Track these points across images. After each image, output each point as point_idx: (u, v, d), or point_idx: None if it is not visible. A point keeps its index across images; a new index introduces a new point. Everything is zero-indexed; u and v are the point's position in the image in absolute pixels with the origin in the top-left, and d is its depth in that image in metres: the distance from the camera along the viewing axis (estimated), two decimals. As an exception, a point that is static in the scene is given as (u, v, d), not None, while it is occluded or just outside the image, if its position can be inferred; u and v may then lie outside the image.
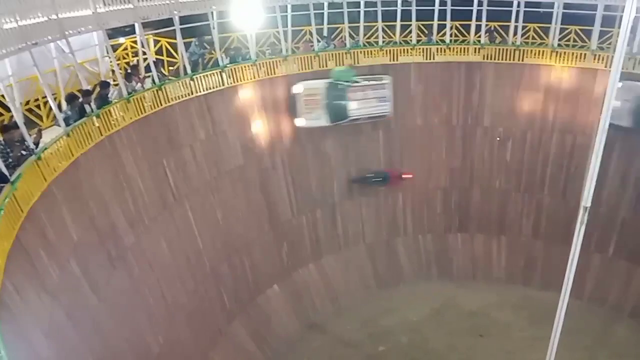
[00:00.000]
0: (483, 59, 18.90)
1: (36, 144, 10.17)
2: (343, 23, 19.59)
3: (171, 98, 14.33)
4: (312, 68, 17.89)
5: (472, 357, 16.17)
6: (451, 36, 20.13)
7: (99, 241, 11.00)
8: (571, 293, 9.78)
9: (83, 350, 9.23)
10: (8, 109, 12.37)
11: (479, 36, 19.35)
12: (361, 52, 18.82)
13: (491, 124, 19.44)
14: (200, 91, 15.20)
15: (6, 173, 8.77)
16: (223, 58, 16.71)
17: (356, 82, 17.75)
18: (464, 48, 19.36)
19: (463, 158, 20.04)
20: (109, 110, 12.27)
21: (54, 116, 11.42)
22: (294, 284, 18.31)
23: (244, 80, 16.42)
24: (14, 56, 10.36)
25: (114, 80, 14.41)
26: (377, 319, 17.72)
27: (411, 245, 20.50)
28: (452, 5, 19.29)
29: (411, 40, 19.84)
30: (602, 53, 17.36)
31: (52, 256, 9.12)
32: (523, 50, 18.52)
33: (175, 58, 17.71)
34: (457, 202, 20.46)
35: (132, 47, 17.17)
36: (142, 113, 13.35)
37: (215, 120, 15.78)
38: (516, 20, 18.71)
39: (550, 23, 18.59)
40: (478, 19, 19.22)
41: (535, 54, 18.49)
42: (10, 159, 9.39)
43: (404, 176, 19.59)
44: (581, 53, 17.97)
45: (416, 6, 19.44)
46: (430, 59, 19.16)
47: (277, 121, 17.51)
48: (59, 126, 11.01)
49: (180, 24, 15.01)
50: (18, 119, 10.02)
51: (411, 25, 19.72)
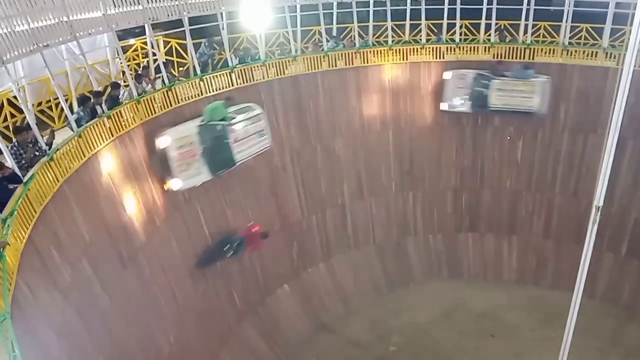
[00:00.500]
0: (493, 58, 18.79)
1: (49, 145, 10.27)
2: (352, 23, 19.57)
3: (181, 99, 14.39)
4: (322, 68, 17.88)
5: (482, 358, 16.11)
6: (461, 35, 20.05)
7: (110, 241, 11.07)
8: (583, 293, 9.71)
9: (94, 349, 9.28)
10: (21, 111, 12.48)
11: (489, 35, 19.26)
12: (370, 52, 18.79)
13: (502, 123, 19.32)
14: (209, 92, 15.24)
15: (19, 174, 8.86)
16: (232, 59, 16.77)
17: (232, 119, 14.34)
18: (474, 47, 19.27)
19: (473, 157, 19.94)
20: (120, 111, 12.35)
21: (66, 117, 11.51)
22: (304, 284, 18.32)
23: (254, 80, 16.45)
24: (26, 58, 10.47)
25: (125, 81, 14.49)
26: (387, 320, 17.69)
27: (421, 245, 20.44)
28: (462, 4, 19.19)
29: (421, 39, 19.78)
30: (614, 51, 17.21)
31: (64, 256, 9.19)
32: (533, 48, 18.40)
33: (184, 59, 17.79)
34: (468, 202, 20.37)
35: (142, 48, 17.26)
36: (153, 114, 13.42)
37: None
38: (526, 18, 18.60)
39: (561, 21, 18.44)
40: (488, 18, 19.13)
41: (545, 53, 18.37)
42: (23, 160, 9.48)
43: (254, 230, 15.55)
44: (592, 51, 17.85)
45: (426, 5, 19.38)
46: (440, 58, 19.09)
47: (287, 121, 17.52)
48: (71, 128, 11.10)
49: (189, 25, 15.06)
50: (30, 121, 10.11)
51: (421, 24, 19.66)
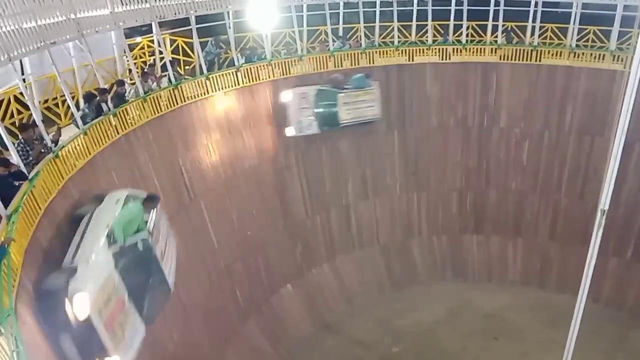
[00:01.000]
0: (500, 60, 18.74)
1: (55, 142, 10.30)
2: (359, 23, 19.55)
3: (187, 97, 14.43)
4: (328, 68, 17.87)
5: (487, 360, 16.07)
6: (467, 36, 19.99)
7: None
8: (588, 296, 9.69)
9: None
10: (27, 108, 12.52)
11: (496, 36, 19.21)
12: (377, 52, 18.76)
13: (507, 125, 19.26)
14: (215, 90, 15.27)
15: (25, 171, 8.89)
16: (239, 58, 16.78)
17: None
18: (481, 48, 19.21)
19: (479, 159, 19.88)
20: (126, 109, 12.39)
21: (72, 115, 11.55)
22: (308, 284, 18.32)
23: (260, 80, 16.46)
24: (33, 55, 10.50)
25: (131, 79, 14.53)
26: (391, 320, 17.66)
27: (426, 246, 20.39)
28: (469, 5, 19.16)
29: (427, 40, 19.74)
30: (622, 54, 17.13)
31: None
32: (540, 50, 18.33)
33: (191, 57, 17.81)
34: (473, 203, 20.31)
35: (149, 47, 17.30)
36: (158, 112, 13.46)
37: (230, 119, 15.84)
38: (534, 20, 18.54)
39: (568, 23, 18.36)
40: (495, 19, 19.09)
41: (552, 55, 18.31)
42: (29, 157, 9.51)
43: None
44: (600, 54, 17.77)
45: (432, 6, 19.36)
46: (446, 59, 19.05)
47: (292, 121, 17.51)
48: (77, 125, 11.13)
49: (196, 24, 15.11)
50: (37, 118, 10.15)
51: (427, 25, 19.63)
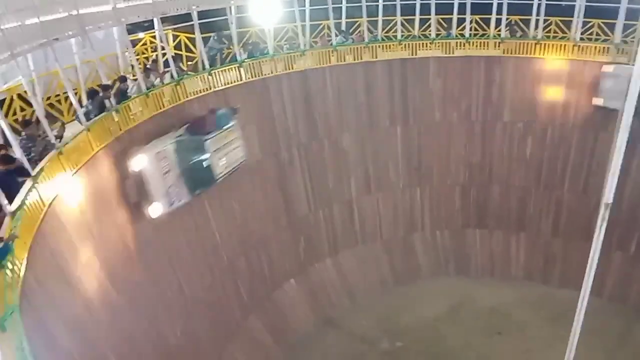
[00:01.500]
0: (503, 54, 18.64)
1: (59, 138, 10.33)
2: (361, 17, 19.52)
3: (190, 93, 14.41)
4: (330, 62, 17.83)
5: (489, 356, 16.06)
6: (471, 30, 19.89)
7: (119, 235, 11.13)
8: (591, 292, 9.67)
9: (102, 341, 9.36)
10: (30, 104, 12.54)
11: (499, 30, 19.13)
12: (380, 47, 18.71)
13: (511, 120, 19.20)
14: (218, 86, 15.26)
15: (28, 167, 8.92)
16: (241, 53, 16.75)
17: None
18: (484, 42, 19.10)
19: (482, 154, 19.83)
20: (129, 105, 12.38)
21: (75, 111, 11.56)
22: (311, 279, 18.35)
23: (262, 75, 16.44)
24: (36, 51, 10.51)
25: (133, 75, 14.52)
26: (394, 316, 17.69)
27: (429, 241, 20.40)
28: (472, -2, 19.08)
29: (430, 34, 19.67)
30: (626, 47, 17.03)
31: (73, 249, 9.25)
32: (544, 44, 18.23)
33: (193, 53, 17.80)
34: (476, 198, 20.28)
35: (151, 42, 17.29)
36: (161, 108, 13.45)
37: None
38: (537, 13, 18.44)
39: (572, 16, 18.27)
40: (498, 13, 19.01)
41: (556, 48, 18.20)
42: (32, 154, 9.53)
43: None
44: (604, 47, 17.66)
45: (435, 0, 19.26)
46: (449, 53, 18.97)
47: (295, 115, 17.50)
48: (80, 122, 11.14)
49: (198, 19, 15.07)
50: (40, 114, 10.16)
51: (430, 19, 19.55)
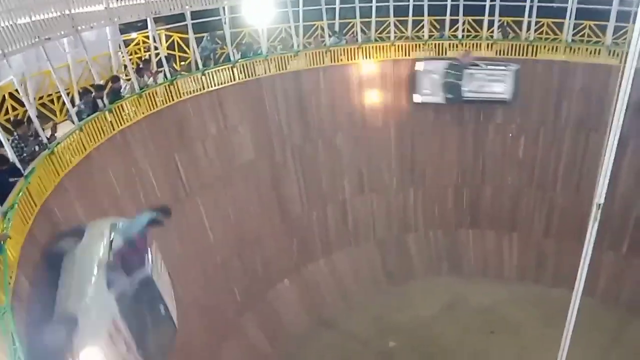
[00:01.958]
0: (496, 55, 18.74)
1: (51, 137, 10.29)
2: (355, 18, 19.54)
3: (183, 93, 14.40)
4: (324, 63, 17.86)
5: (483, 354, 16.12)
6: (464, 31, 19.99)
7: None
8: (584, 291, 9.74)
9: (95, 343, 9.29)
10: (22, 104, 12.47)
11: (492, 31, 19.23)
12: (373, 48, 18.75)
13: (503, 121, 19.29)
14: (211, 86, 15.25)
15: (20, 167, 8.86)
16: (234, 53, 16.74)
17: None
18: (477, 43, 19.21)
19: (475, 154, 19.91)
20: (121, 105, 12.35)
21: (67, 111, 11.51)
22: (305, 279, 18.34)
23: (256, 75, 16.43)
24: (28, 51, 10.45)
25: (126, 75, 14.48)
26: (388, 315, 17.71)
27: (422, 241, 20.44)
28: (465, 0, 19.13)
29: (423, 35, 19.72)
30: (617, 49, 17.15)
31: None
32: (536, 45, 18.34)
33: (186, 53, 17.75)
34: (469, 199, 20.35)
35: (144, 42, 17.23)
36: (154, 108, 13.43)
37: (226, 115, 15.82)
38: (529, 15, 18.56)
39: (564, 18, 18.37)
40: (491, 14, 19.12)
41: (548, 50, 18.32)
42: (24, 154, 9.48)
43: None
44: (595, 49, 17.79)
45: (428, 1, 19.34)
46: (442, 55, 19.04)
47: (288, 116, 17.50)
48: (72, 121, 11.09)
49: (192, 19, 15.04)
50: (32, 114, 10.11)
51: (423, 20, 19.61)
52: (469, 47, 18.81)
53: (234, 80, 15.89)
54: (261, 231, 17.04)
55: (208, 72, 15.19)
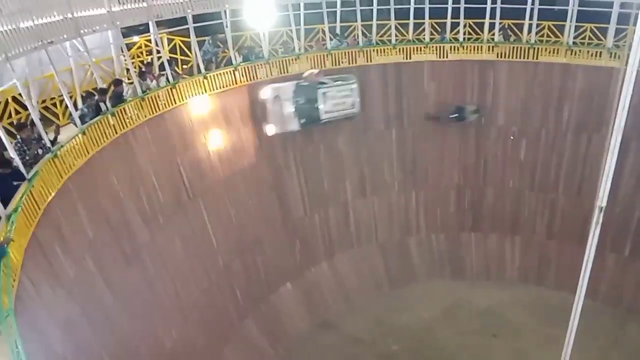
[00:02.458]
0: (497, 58, 18.75)
1: (54, 140, 10.34)
2: (356, 21, 19.58)
3: (185, 96, 14.43)
4: (325, 66, 17.88)
5: (485, 357, 16.10)
6: (464, 34, 20.01)
7: (114, 238, 11.11)
8: (586, 293, 9.70)
9: (97, 344, 9.33)
10: (25, 108, 12.53)
11: (493, 34, 19.23)
12: (374, 51, 18.78)
13: (505, 123, 19.29)
14: (213, 89, 15.28)
15: (23, 171, 8.90)
16: (236, 56, 16.78)
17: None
18: (478, 46, 19.21)
19: (476, 157, 19.91)
20: (124, 108, 12.40)
21: (70, 114, 11.56)
22: (307, 282, 18.34)
23: (257, 78, 16.47)
24: (31, 55, 10.50)
25: (129, 78, 14.52)
26: (390, 318, 17.70)
27: (424, 244, 20.43)
28: (466, 3, 19.15)
29: (424, 38, 19.75)
30: (618, 51, 17.15)
31: (68, 253, 9.23)
32: (537, 48, 18.34)
33: (188, 56, 17.81)
34: (471, 201, 20.35)
35: (147, 46, 17.29)
36: (157, 111, 13.47)
37: (228, 118, 15.85)
38: (530, 18, 18.56)
39: (565, 21, 18.38)
40: (492, 17, 19.10)
41: (550, 52, 18.32)
42: (27, 157, 9.51)
43: None
44: (597, 51, 17.80)
45: (429, 4, 19.34)
46: (443, 57, 19.07)
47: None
48: (75, 125, 11.13)
49: (193, 23, 15.10)
50: (35, 117, 10.15)
51: (424, 23, 19.63)
52: (315, 66, 17.75)
53: (236, 83, 15.95)
54: (263, 234, 17.06)
55: (210, 76, 15.23)
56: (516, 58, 18.51)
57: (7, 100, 12.95)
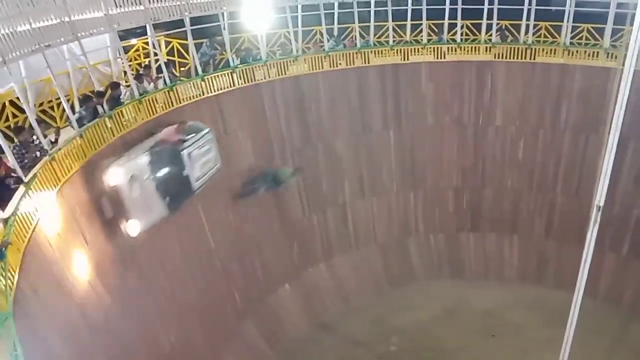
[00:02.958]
0: (494, 58, 18.78)
1: (55, 143, 10.37)
2: (353, 23, 19.59)
3: (182, 99, 14.43)
4: (323, 68, 17.90)
5: (485, 357, 16.10)
6: (462, 35, 20.02)
7: (112, 241, 11.09)
8: (585, 293, 9.73)
9: (96, 348, 9.32)
10: (23, 111, 12.52)
11: (490, 35, 19.26)
12: (372, 52, 18.81)
13: (503, 123, 19.32)
14: (211, 92, 15.29)
15: (21, 174, 8.89)
16: (234, 59, 16.79)
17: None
18: (475, 47, 19.26)
19: (475, 157, 19.93)
20: (121, 111, 12.38)
21: (68, 117, 11.55)
22: (305, 284, 18.33)
23: (255, 80, 16.48)
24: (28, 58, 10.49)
25: (126, 81, 14.51)
26: (389, 319, 17.69)
27: (423, 244, 20.44)
28: (463, 4, 19.20)
29: (422, 39, 19.77)
30: (615, 51, 17.19)
31: (66, 256, 9.22)
32: (535, 49, 18.38)
33: (186, 59, 17.82)
34: (469, 202, 20.37)
35: (144, 49, 17.29)
36: (154, 114, 13.45)
37: (226, 120, 15.85)
38: (527, 18, 18.58)
39: (562, 21, 18.42)
40: (489, 18, 19.15)
41: (547, 53, 18.36)
42: (25, 160, 9.51)
43: None
44: (594, 51, 17.84)
45: (427, 5, 19.37)
46: (441, 58, 19.10)
47: (288, 120, 17.53)
48: (73, 128, 11.12)
49: (191, 25, 15.09)
50: (32, 120, 10.14)
51: (422, 24, 19.65)
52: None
53: (234, 85, 15.93)
54: (262, 235, 17.05)
55: (208, 78, 15.23)
56: (514, 58, 18.54)
57: (5, 103, 12.94)
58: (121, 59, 15.04)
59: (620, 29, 17.49)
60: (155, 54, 15.54)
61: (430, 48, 19.19)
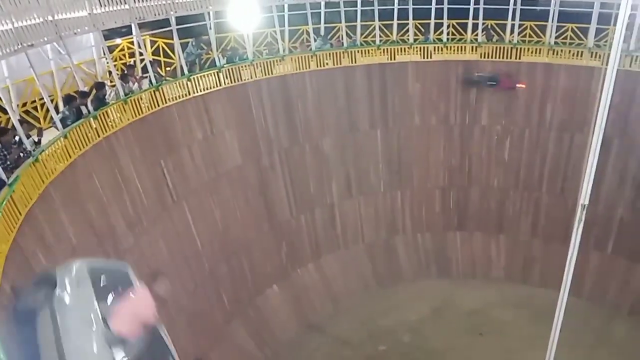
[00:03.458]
0: (480, 58, 18.90)
1: (38, 143, 10.21)
2: (340, 22, 19.61)
3: (168, 99, 14.33)
4: (310, 68, 17.87)
5: (472, 356, 16.17)
6: (448, 35, 20.14)
7: (98, 243, 10.98)
8: (570, 291, 9.77)
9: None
10: (5, 112, 12.33)
11: (476, 35, 19.38)
12: (359, 52, 18.82)
13: (489, 123, 19.43)
14: (197, 91, 15.19)
15: (3, 176, 8.75)
16: (220, 58, 16.70)
17: None
18: (461, 46, 19.37)
19: (461, 157, 20.03)
20: (106, 111, 12.26)
21: (51, 118, 11.41)
22: (293, 285, 18.29)
23: (242, 80, 16.40)
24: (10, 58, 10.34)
25: (111, 81, 14.38)
26: (377, 319, 17.71)
27: (410, 244, 20.49)
28: (449, 3, 19.31)
29: (408, 39, 19.83)
30: (599, 51, 17.37)
31: (51, 258, 9.08)
32: (520, 48, 18.53)
33: (172, 58, 17.69)
34: (456, 201, 20.46)
35: (129, 48, 17.13)
36: (140, 114, 13.34)
37: (212, 120, 15.76)
38: (513, 18, 18.75)
39: (547, 21, 18.60)
40: (475, 18, 19.30)
41: (532, 52, 18.51)
42: (7, 161, 9.36)
43: (518, 86, 18.57)
44: (578, 51, 18.02)
45: (413, 5, 19.44)
46: (427, 58, 19.16)
47: (275, 120, 17.48)
48: (57, 128, 10.99)
49: (176, 25, 15.00)
50: (15, 121, 9.99)
51: (408, 24, 19.72)
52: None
53: (220, 85, 15.85)
54: (249, 236, 16.98)
55: (194, 78, 15.14)
56: (499, 58, 18.67)
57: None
58: (106, 59, 14.89)
59: (604, 29, 17.69)
60: (140, 54, 15.41)
61: (416, 47, 19.27)
